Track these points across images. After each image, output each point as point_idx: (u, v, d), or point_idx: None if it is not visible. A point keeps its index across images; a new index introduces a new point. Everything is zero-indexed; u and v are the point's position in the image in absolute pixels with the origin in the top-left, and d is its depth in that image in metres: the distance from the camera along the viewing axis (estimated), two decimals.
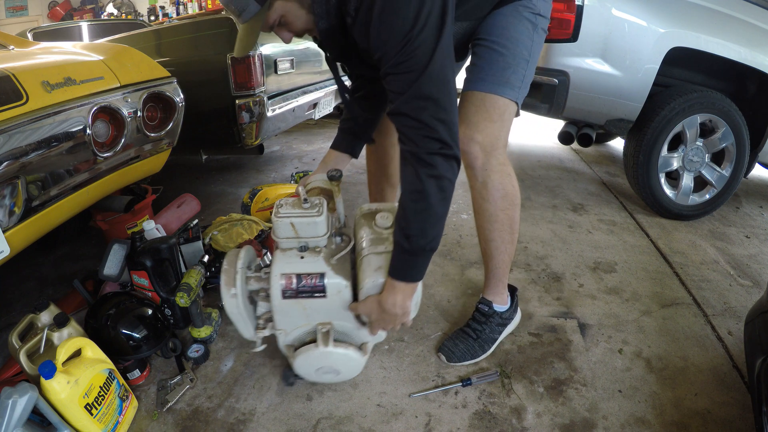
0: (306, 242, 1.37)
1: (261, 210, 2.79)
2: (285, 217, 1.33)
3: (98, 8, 10.05)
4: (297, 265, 1.36)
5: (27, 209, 1.54)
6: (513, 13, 1.42)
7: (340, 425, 1.46)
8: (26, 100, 1.51)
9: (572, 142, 3.57)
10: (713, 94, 2.77)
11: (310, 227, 1.35)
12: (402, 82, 1.12)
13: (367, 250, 1.40)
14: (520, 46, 1.43)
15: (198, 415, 1.50)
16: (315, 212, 1.34)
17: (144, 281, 1.83)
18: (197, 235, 2.23)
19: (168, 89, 2.25)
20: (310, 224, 1.34)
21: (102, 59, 1.99)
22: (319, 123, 5.69)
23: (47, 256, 2.57)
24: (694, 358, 1.75)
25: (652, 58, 2.66)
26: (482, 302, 1.76)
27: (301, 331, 1.48)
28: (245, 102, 2.84)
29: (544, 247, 2.59)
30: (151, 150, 2.22)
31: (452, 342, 1.74)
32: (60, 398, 1.24)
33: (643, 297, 2.12)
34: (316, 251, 1.37)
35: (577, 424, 1.46)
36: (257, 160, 4.35)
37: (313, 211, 1.34)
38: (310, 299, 1.38)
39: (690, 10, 2.65)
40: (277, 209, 1.35)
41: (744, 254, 2.56)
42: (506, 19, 1.42)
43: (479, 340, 1.72)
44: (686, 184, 2.92)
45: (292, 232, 1.35)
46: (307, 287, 1.36)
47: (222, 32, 2.82)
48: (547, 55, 2.77)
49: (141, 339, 1.62)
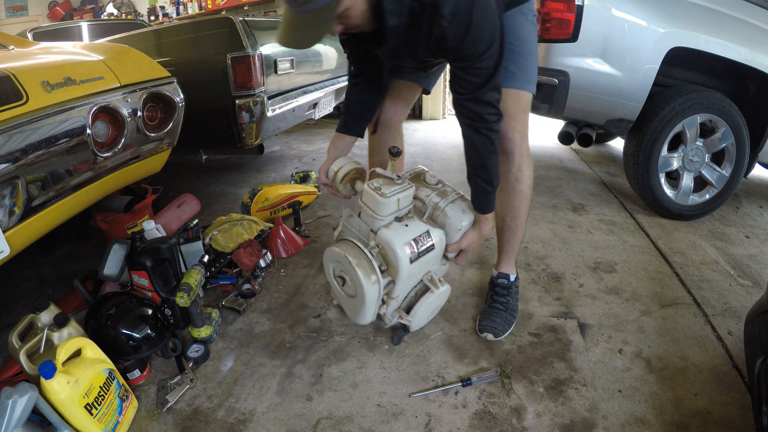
0: (400, 213, 1.61)
1: (261, 210, 2.80)
2: (393, 195, 1.53)
3: (98, 8, 10.04)
4: (408, 232, 1.57)
5: (27, 209, 1.54)
6: (518, 16, 1.59)
7: (340, 425, 1.46)
8: (26, 100, 1.51)
9: (572, 142, 3.57)
10: (713, 94, 2.77)
11: (408, 199, 1.62)
12: (481, 76, 1.39)
13: (443, 202, 1.69)
14: (531, 45, 1.64)
15: (198, 415, 1.50)
16: (410, 185, 1.60)
17: (144, 281, 1.83)
18: (197, 235, 2.23)
19: (168, 89, 2.25)
20: (408, 196, 1.61)
21: (102, 59, 1.99)
22: (319, 123, 5.70)
23: (47, 256, 2.57)
24: (694, 358, 1.75)
25: (652, 58, 2.65)
26: (501, 277, 1.98)
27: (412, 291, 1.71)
28: (245, 102, 2.84)
29: (544, 247, 2.59)
30: (151, 150, 2.22)
31: (489, 320, 1.85)
32: (60, 398, 1.24)
33: (643, 297, 2.12)
34: (409, 217, 1.64)
35: (577, 424, 1.46)
36: (257, 160, 4.36)
37: (408, 185, 1.59)
38: (425, 256, 1.61)
39: (690, 10, 2.64)
40: (381, 191, 1.53)
41: (744, 254, 2.56)
42: (515, 20, 1.58)
43: (508, 310, 1.89)
44: (686, 184, 2.92)
45: (396, 206, 1.57)
46: (423, 247, 1.59)
47: (222, 32, 2.83)
48: (547, 55, 2.77)
49: (141, 339, 1.62)
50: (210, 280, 2.17)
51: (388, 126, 1.98)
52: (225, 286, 2.17)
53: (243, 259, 2.22)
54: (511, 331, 1.86)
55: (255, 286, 2.13)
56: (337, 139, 1.80)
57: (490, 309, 1.89)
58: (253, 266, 2.24)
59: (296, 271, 2.34)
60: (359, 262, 1.55)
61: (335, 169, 1.69)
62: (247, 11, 7.73)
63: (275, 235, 2.47)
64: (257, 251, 2.28)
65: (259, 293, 2.13)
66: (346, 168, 1.69)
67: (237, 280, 2.19)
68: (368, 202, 1.57)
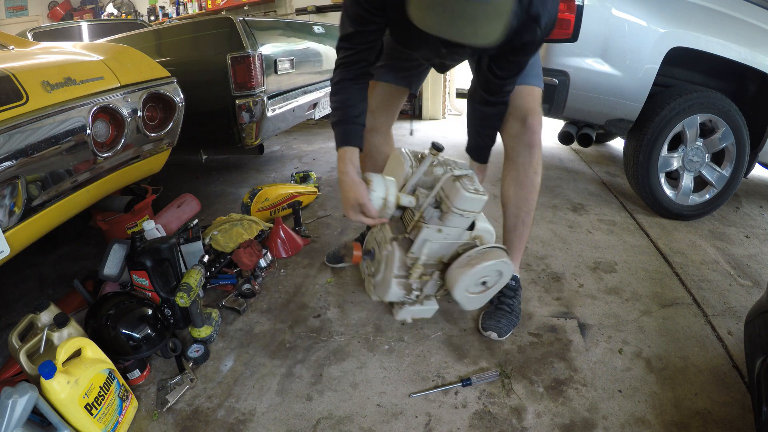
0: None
1: (261, 210, 2.80)
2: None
3: (98, 8, 10.04)
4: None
5: (27, 209, 1.54)
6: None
7: (340, 425, 1.46)
8: (26, 100, 1.51)
9: (572, 142, 3.57)
10: (713, 94, 2.77)
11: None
12: (527, 60, 1.59)
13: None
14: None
15: (198, 415, 1.50)
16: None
17: (144, 281, 1.83)
18: (197, 235, 2.23)
19: (168, 89, 2.25)
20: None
21: (102, 59, 1.99)
22: (319, 123, 5.69)
23: (47, 256, 2.57)
24: (694, 358, 1.75)
25: (652, 58, 2.65)
26: (511, 278, 1.95)
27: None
28: (245, 102, 2.84)
29: (544, 247, 2.59)
30: (151, 150, 2.22)
31: (494, 320, 1.86)
32: (60, 398, 1.24)
33: (643, 297, 2.12)
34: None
35: (577, 424, 1.46)
36: (257, 160, 4.36)
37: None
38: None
39: (690, 10, 2.64)
40: (470, 187, 1.52)
41: (744, 254, 2.56)
42: None
43: (513, 312, 1.90)
44: (686, 184, 2.92)
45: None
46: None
47: (222, 32, 2.83)
48: (547, 55, 2.77)
49: (141, 339, 1.62)
50: (210, 280, 2.17)
51: (379, 131, 1.99)
52: (225, 286, 2.17)
53: (243, 259, 2.21)
54: (512, 332, 1.86)
55: (255, 286, 2.13)
56: (352, 154, 1.60)
57: (497, 311, 1.89)
58: (254, 266, 2.24)
59: (296, 271, 2.34)
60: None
61: (383, 196, 1.56)
62: (247, 11, 7.72)
63: (275, 235, 2.46)
64: (257, 251, 2.28)
65: (259, 293, 2.13)
66: (394, 189, 1.60)
67: (237, 280, 2.19)
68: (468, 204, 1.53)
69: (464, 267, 1.57)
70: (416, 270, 1.63)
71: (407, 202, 1.63)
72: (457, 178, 1.57)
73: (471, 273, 1.56)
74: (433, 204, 1.61)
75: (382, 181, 1.57)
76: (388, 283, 1.68)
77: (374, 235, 1.82)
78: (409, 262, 1.66)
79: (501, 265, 1.60)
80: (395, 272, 1.66)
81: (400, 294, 1.71)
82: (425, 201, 1.60)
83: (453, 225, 1.59)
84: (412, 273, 1.64)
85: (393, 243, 1.66)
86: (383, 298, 1.76)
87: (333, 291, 2.16)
